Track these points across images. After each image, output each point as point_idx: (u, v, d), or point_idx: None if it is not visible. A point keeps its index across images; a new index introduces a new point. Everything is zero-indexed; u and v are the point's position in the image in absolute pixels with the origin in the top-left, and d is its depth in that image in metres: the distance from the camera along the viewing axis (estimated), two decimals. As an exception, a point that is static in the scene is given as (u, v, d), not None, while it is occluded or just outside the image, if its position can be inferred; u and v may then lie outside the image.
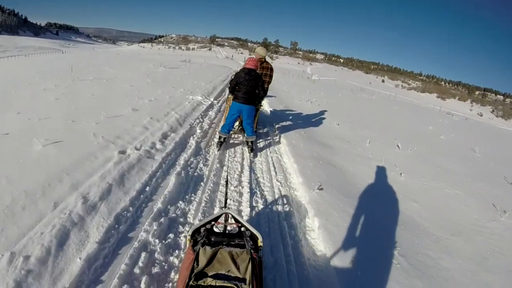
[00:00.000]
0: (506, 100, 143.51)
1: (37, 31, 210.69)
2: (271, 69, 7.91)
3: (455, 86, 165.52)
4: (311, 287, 3.18)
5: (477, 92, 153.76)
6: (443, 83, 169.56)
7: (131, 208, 3.83)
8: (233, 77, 6.80)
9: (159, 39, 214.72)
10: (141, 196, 4.17)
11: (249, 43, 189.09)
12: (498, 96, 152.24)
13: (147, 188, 4.38)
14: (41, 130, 5.92)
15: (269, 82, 7.86)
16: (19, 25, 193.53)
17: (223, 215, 2.71)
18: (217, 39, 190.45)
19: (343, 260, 3.44)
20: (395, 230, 4.38)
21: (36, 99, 9.13)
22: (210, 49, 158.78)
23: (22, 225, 3.13)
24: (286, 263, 3.40)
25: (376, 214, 4.79)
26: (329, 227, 3.98)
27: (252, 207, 4.46)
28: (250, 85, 6.39)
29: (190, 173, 5.23)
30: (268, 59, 8.07)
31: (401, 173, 6.74)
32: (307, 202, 4.71)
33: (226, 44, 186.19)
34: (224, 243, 2.37)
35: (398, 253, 3.77)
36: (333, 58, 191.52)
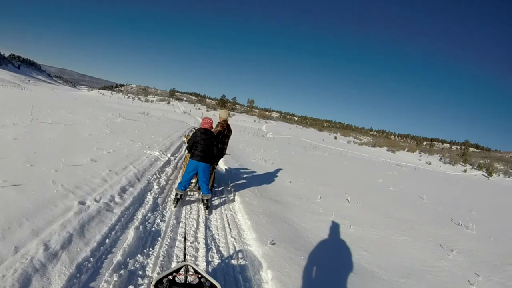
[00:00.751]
0: (452, 147, 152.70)
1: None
2: (230, 130, 8.28)
3: (404, 139, 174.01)
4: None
5: (424, 143, 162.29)
6: (392, 136, 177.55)
7: (91, 259, 3.90)
8: (190, 135, 7.12)
9: (119, 88, 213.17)
10: (101, 247, 4.25)
11: (207, 99, 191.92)
12: (445, 144, 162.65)
13: (107, 240, 4.47)
14: None
15: (228, 143, 8.22)
16: None
17: (184, 267, 2.90)
18: (176, 93, 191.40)
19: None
20: (346, 277, 4.70)
21: (-8, 136, 9.03)
22: (168, 103, 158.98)
23: None
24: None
25: (327, 264, 5.11)
26: (282, 278, 4.23)
27: (208, 262, 4.63)
28: (206, 144, 6.75)
29: (148, 228, 5.34)
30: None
31: (350, 225, 7.18)
32: (260, 256, 4.93)
33: (185, 98, 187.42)
34: None
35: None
36: (288, 116, 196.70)
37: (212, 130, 7.18)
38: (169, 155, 11.56)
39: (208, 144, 6.76)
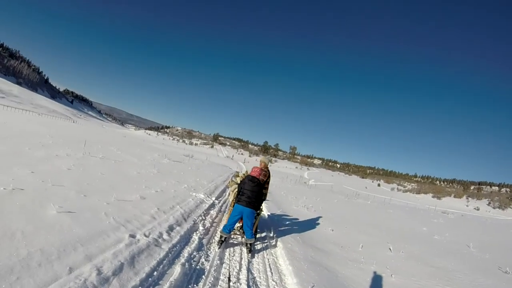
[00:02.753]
0: (502, 190, 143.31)
1: (54, 94, 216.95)
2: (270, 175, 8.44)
3: (450, 184, 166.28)
4: None
5: (472, 187, 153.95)
6: (438, 182, 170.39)
7: (140, 288, 4.01)
8: (239, 182, 7.32)
9: (165, 129, 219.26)
10: (149, 279, 4.36)
11: (249, 145, 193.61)
12: (493, 187, 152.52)
13: (155, 273, 4.58)
14: (54, 196, 6.30)
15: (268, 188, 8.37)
16: (39, 83, 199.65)
17: None
18: (220, 138, 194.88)
19: None
20: None
21: (49, 164, 9.54)
22: (212, 147, 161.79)
23: (38, 280, 3.33)
24: None
25: None
26: None
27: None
28: (253, 191, 6.99)
29: (193, 265, 5.42)
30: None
31: (392, 274, 6.91)
32: (300, 301, 4.83)
33: (228, 143, 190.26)
34: None
35: None
36: (330, 163, 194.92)
37: (259, 178, 7.34)
38: (213, 198, 11.70)
39: (255, 191, 7.00)
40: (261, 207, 8.19)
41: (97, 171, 10.59)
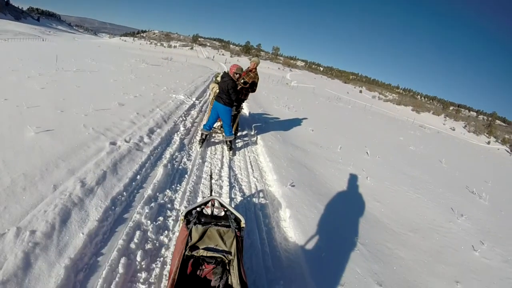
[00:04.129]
0: (479, 116, 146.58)
1: (18, 15, 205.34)
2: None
3: (431, 101, 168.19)
4: (282, 264, 3.66)
5: (451, 108, 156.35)
6: (419, 97, 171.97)
7: (124, 193, 4.23)
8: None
9: (141, 34, 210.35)
10: (133, 183, 4.58)
11: (231, 45, 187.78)
12: (472, 112, 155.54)
13: (138, 177, 4.79)
14: (31, 118, 6.16)
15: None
16: (0, 8, 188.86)
17: (211, 201, 3.12)
18: (199, 39, 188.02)
19: (310, 244, 3.95)
20: (357, 223, 4.93)
21: (22, 87, 9.28)
22: (192, 48, 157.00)
23: (24, 204, 3.43)
24: (261, 245, 3.91)
25: (341, 210, 5.37)
26: (298, 217, 4.49)
27: (231, 198, 4.94)
28: (224, 88, 6.85)
29: (175, 166, 5.64)
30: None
31: (367, 177, 7.34)
32: (280, 196, 5.21)
33: (208, 44, 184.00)
34: (213, 223, 2.85)
35: (359, 242, 4.32)
36: (313, 65, 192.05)
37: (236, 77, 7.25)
38: (194, 99, 11.76)
39: (225, 88, 6.84)
40: (241, 105, 8.25)
41: (72, 84, 10.37)
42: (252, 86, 8.17)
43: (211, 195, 3.33)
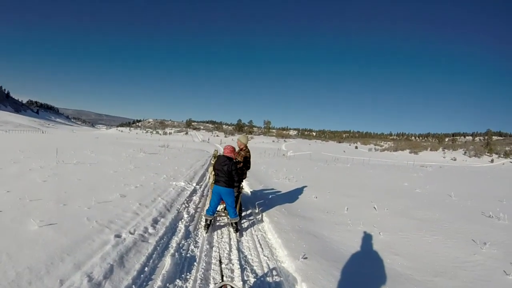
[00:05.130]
0: (476, 139, 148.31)
1: (18, 107, 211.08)
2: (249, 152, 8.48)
3: (425, 138, 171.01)
4: None
5: (446, 139, 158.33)
6: (413, 137, 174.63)
7: (133, 286, 4.06)
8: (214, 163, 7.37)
9: (137, 123, 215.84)
10: (141, 275, 4.41)
11: (224, 125, 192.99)
12: (467, 137, 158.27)
13: (146, 269, 4.62)
14: (34, 210, 6.24)
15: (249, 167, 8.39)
16: (0, 99, 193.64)
17: (223, 287, 3.00)
18: (193, 123, 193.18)
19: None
20: (379, 282, 4.73)
21: (24, 179, 9.42)
22: (186, 133, 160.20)
23: None
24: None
25: (360, 271, 5.17)
26: None
27: (244, 281, 4.72)
28: (224, 170, 6.98)
29: (183, 254, 5.47)
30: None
31: (379, 232, 7.14)
32: (293, 271, 5.02)
33: (202, 127, 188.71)
34: None
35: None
36: (306, 132, 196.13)
37: (233, 157, 7.37)
38: (194, 184, 11.71)
39: (227, 170, 6.99)
40: (241, 185, 8.25)
41: (74, 177, 10.48)
42: (246, 164, 8.20)
43: (222, 280, 3.22)
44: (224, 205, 7.63)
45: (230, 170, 6.97)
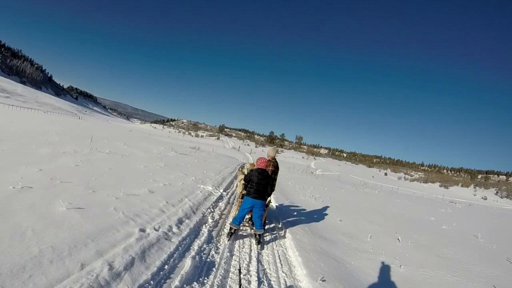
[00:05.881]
0: (509, 179, 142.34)
1: (58, 91, 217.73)
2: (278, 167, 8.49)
3: (457, 173, 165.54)
4: None
5: (479, 176, 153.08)
6: (445, 171, 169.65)
7: (152, 282, 4.03)
8: (247, 174, 7.37)
9: (171, 122, 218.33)
10: (161, 272, 4.38)
11: (255, 135, 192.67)
12: (501, 176, 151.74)
13: (166, 267, 4.60)
14: (63, 192, 6.37)
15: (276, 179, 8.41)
16: (43, 82, 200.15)
17: None
18: (225, 129, 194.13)
19: None
20: None
21: (56, 161, 9.63)
22: (218, 138, 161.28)
23: (50, 277, 3.34)
24: None
25: None
26: None
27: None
28: (261, 183, 7.04)
29: (203, 258, 5.44)
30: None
31: (400, 265, 6.95)
32: (311, 292, 4.87)
33: (233, 134, 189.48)
34: None
35: None
36: (337, 152, 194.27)
37: (267, 169, 7.39)
38: (221, 190, 11.70)
39: (264, 184, 7.06)
40: (269, 198, 8.22)
41: (105, 166, 10.68)
42: (274, 176, 8.22)
43: None
44: (250, 216, 7.66)
45: (266, 183, 7.06)
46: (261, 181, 7.04)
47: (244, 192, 7.43)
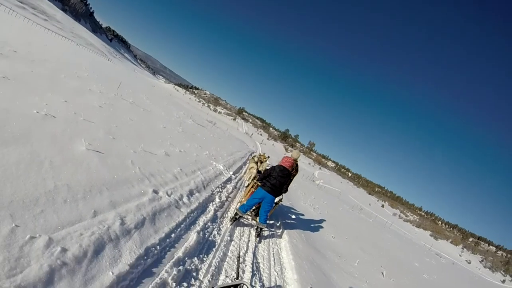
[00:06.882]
0: (498, 252, 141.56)
1: (95, 28, 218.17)
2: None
3: (451, 228, 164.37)
4: None
5: (470, 239, 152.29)
6: (440, 222, 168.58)
7: (158, 247, 4.08)
8: (267, 168, 7.40)
9: (194, 90, 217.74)
10: (167, 239, 4.45)
11: (271, 128, 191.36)
12: (491, 247, 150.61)
13: (173, 235, 4.67)
14: (84, 131, 6.34)
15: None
16: (83, 15, 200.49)
17: (240, 285, 2.93)
18: (244, 113, 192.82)
19: None
20: None
21: (82, 97, 9.70)
22: (234, 119, 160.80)
23: (61, 217, 3.31)
24: None
25: None
26: None
27: (252, 286, 4.67)
28: (280, 181, 7.14)
29: (206, 235, 5.51)
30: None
31: None
32: (298, 298, 4.93)
33: (250, 120, 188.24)
34: None
35: None
36: (343, 169, 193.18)
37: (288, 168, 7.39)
38: (231, 173, 11.75)
39: (281, 182, 7.17)
40: (281, 197, 8.27)
41: (126, 115, 10.75)
42: (292, 178, 8.25)
43: (237, 278, 3.16)
44: (256, 208, 7.76)
45: (284, 182, 7.17)
46: (280, 178, 7.13)
47: (250, 181, 7.48)
